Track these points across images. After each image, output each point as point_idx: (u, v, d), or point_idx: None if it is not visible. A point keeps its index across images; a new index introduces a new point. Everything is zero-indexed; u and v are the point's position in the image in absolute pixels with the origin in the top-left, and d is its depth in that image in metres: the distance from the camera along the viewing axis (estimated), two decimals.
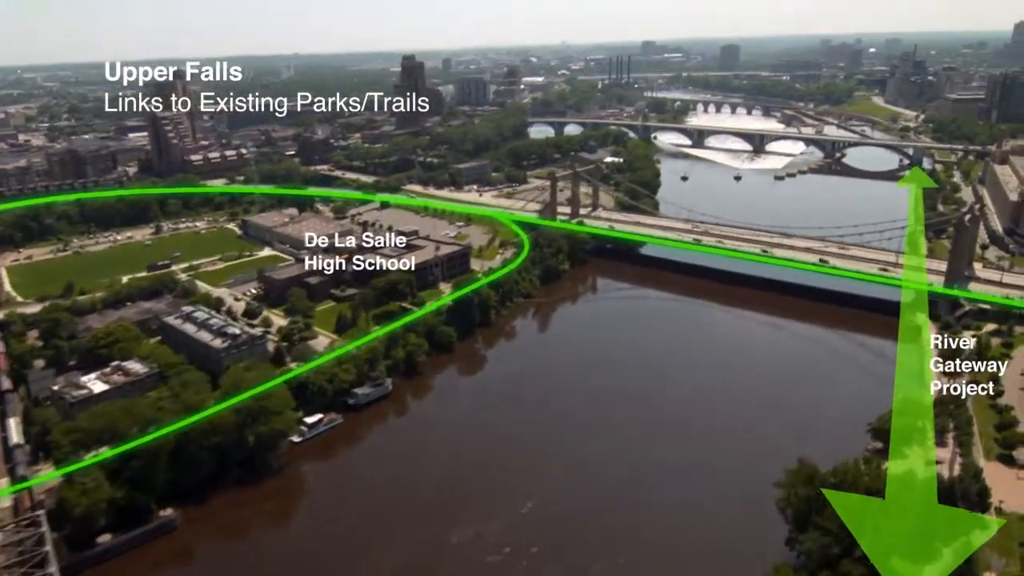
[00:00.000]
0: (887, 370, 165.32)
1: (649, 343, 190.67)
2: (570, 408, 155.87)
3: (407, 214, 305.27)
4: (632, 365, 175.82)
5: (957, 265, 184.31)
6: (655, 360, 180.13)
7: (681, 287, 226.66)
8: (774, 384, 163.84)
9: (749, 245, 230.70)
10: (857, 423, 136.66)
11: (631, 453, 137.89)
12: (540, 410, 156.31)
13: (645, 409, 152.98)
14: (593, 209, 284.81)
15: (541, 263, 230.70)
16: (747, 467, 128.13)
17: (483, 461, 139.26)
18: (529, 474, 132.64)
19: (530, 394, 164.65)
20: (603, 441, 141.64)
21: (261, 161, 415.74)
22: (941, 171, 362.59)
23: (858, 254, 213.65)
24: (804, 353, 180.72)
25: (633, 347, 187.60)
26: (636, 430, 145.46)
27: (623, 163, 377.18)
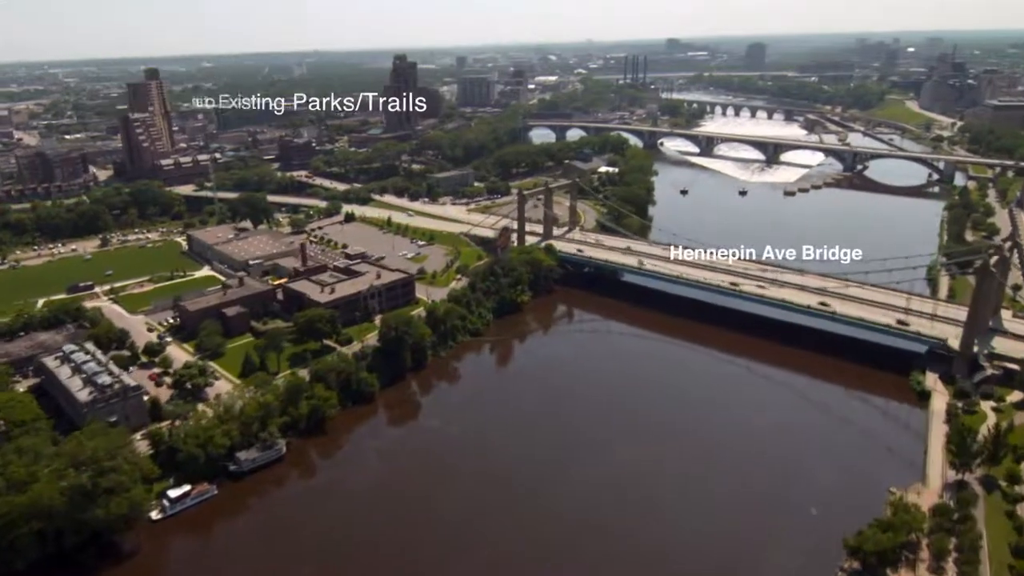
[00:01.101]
0: (883, 446, 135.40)
1: (606, 397, 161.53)
2: (497, 480, 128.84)
3: (370, 230, 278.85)
4: (579, 428, 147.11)
5: (979, 315, 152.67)
6: (609, 420, 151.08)
7: (657, 324, 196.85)
8: (744, 463, 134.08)
9: (741, 281, 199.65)
10: (833, 526, 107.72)
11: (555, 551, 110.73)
12: (458, 482, 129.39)
13: (582, 497, 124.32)
14: (570, 229, 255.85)
15: (496, 294, 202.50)
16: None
17: (377, 543, 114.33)
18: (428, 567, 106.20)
19: (451, 459, 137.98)
20: (523, 532, 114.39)
21: (235, 166, 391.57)
22: (974, 189, 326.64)
23: (865, 295, 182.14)
24: (787, 417, 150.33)
25: (585, 401, 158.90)
26: (566, 527, 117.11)
27: (616, 175, 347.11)
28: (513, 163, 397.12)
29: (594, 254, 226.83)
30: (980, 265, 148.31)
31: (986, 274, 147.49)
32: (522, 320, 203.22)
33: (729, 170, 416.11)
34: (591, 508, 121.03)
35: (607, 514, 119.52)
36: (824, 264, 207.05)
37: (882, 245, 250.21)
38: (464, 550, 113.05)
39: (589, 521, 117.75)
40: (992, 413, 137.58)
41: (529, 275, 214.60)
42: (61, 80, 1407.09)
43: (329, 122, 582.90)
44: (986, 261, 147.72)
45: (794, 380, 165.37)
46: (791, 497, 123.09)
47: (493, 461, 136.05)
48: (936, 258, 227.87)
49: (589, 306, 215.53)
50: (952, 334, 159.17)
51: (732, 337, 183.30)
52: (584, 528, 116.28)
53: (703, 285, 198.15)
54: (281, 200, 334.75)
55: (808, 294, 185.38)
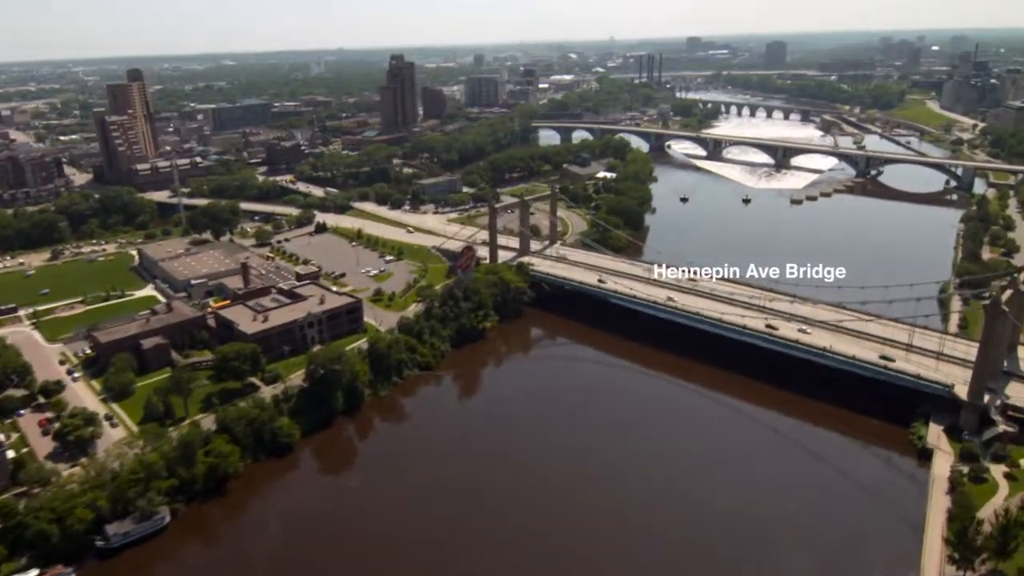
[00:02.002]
0: (872, 526, 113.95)
1: (564, 443, 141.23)
2: (415, 559, 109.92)
3: (339, 243, 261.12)
4: (528, 487, 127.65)
5: (990, 359, 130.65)
6: (564, 472, 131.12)
7: (634, 353, 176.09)
8: (703, 537, 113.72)
9: (724, 308, 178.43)
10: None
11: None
12: (370, 559, 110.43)
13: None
14: (550, 243, 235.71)
15: (455, 320, 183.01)
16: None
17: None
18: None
19: (368, 530, 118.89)
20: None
21: (216, 171, 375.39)
22: (993, 198, 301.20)
23: (864, 327, 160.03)
24: (765, 477, 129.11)
25: (539, 450, 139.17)
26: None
27: (612, 181, 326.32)
28: (507, 168, 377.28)
29: (568, 274, 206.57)
30: (991, 302, 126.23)
31: (997, 312, 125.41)
32: (483, 350, 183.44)
33: (735, 175, 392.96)
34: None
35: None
36: (806, 285, 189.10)
37: (889, 263, 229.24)
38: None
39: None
40: (1004, 481, 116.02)
41: (495, 298, 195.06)
42: (81, 78, 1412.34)
43: (328, 123, 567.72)
44: (997, 298, 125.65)
45: (781, 423, 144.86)
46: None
47: (418, 532, 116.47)
48: (949, 280, 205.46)
49: (562, 332, 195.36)
50: (960, 378, 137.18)
51: (715, 373, 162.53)
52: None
53: (683, 313, 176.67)
54: (255, 208, 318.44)
55: (797, 324, 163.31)
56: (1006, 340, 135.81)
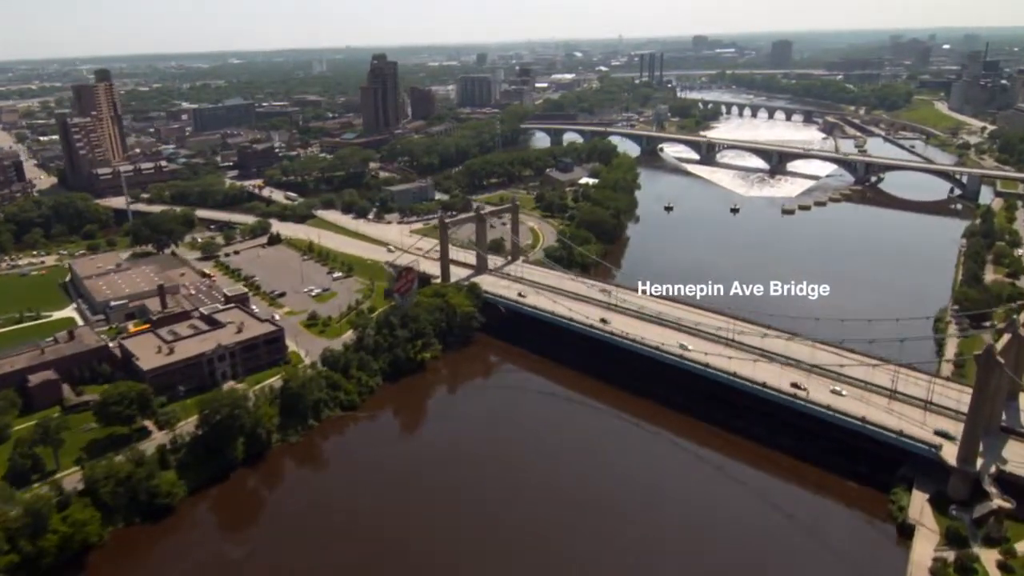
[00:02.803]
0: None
1: (494, 505, 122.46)
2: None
3: (290, 256, 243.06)
4: (444, 558, 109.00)
5: (983, 418, 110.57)
6: (494, 545, 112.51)
7: (588, 389, 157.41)
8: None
9: (690, 340, 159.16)
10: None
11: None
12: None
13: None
14: (511, 260, 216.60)
15: (391, 351, 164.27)
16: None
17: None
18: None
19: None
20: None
21: (182, 175, 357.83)
22: (1000, 210, 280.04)
23: (845, 366, 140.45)
24: (710, 557, 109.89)
25: (468, 513, 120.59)
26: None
27: (592, 189, 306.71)
28: (484, 174, 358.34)
29: (522, 297, 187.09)
30: (983, 352, 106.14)
31: (991, 365, 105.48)
32: (421, 384, 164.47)
33: (726, 181, 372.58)
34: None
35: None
36: (789, 305, 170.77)
37: (881, 285, 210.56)
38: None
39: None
40: (997, 573, 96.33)
41: (440, 324, 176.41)
42: (85, 77, 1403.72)
43: (312, 124, 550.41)
44: (990, 347, 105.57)
45: (745, 476, 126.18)
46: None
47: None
48: (946, 308, 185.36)
49: (513, 362, 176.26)
50: (951, 433, 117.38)
51: (673, 415, 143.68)
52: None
53: (640, 346, 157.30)
54: (212, 216, 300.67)
55: (774, 367, 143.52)
56: (1003, 392, 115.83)
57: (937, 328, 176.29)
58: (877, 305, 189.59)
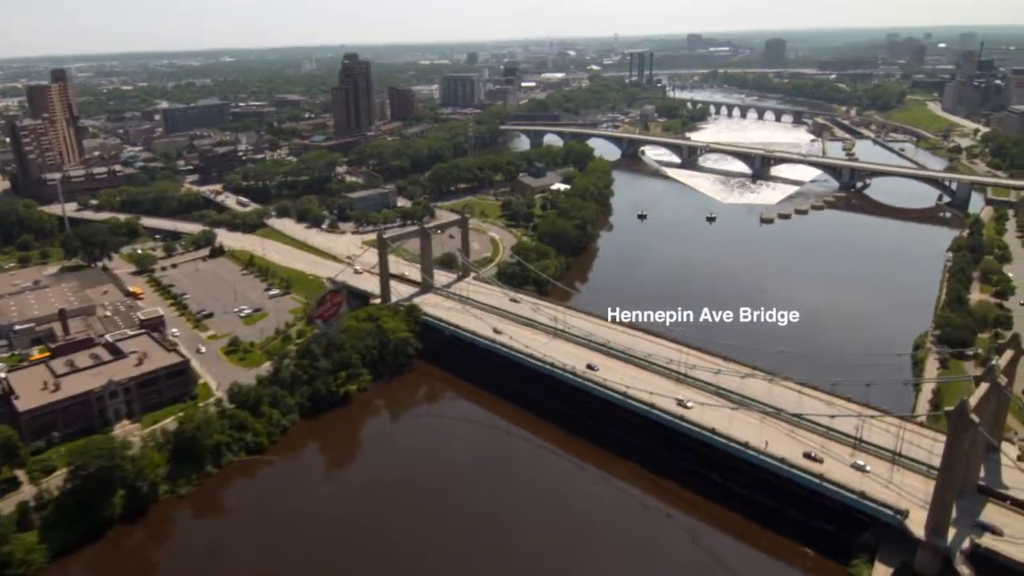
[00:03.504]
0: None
1: (416, 561, 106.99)
2: None
3: (230, 270, 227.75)
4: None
5: (955, 483, 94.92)
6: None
7: (528, 424, 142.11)
8: None
9: (641, 376, 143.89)
10: None
11: None
12: None
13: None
14: (461, 277, 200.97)
15: (310, 384, 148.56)
16: None
17: None
18: None
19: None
20: None
21: (136, 180, 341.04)
22: (990, 220, 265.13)
23: (807, 405, 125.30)
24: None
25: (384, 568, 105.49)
26: None
27: (560, 196, 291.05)
28: (452, 178, 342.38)
29: (463, 320, 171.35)
30: (955, 409, 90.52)
31: (964, 424, 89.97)
32: (343, 420, 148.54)
33: (706, 187, 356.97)
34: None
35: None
36: (758, 331, 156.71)
37: (856, 309, 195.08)
38: None
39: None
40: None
41: (372, 351, 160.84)
42: (74, 75, 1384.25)
43: (286, 125, 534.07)
44: (963, 404, 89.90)
45: (686, 537, 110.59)
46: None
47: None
48: (926, 333, 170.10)
49: (451, 394, 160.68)
50: (919, 497, 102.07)
51: (620, 462, 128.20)
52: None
53: (582, 381, 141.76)
54: (159, 225, 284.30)
55: (722, 408, 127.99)
56: (980, 448, 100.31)
57: (916, 357, 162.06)
58: (850, 332, 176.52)
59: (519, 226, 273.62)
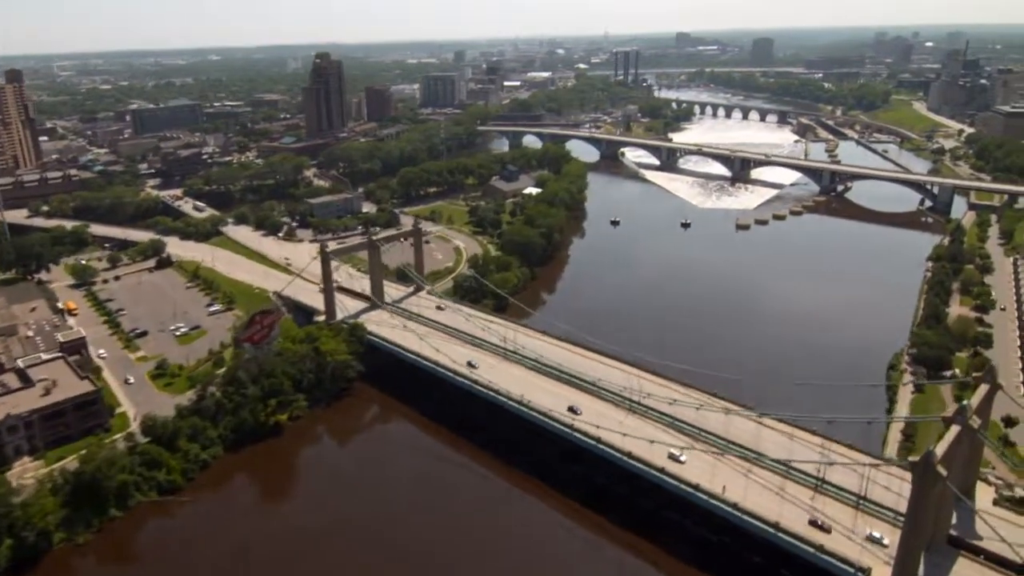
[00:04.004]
0: None
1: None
2: None
3: (176, 284, 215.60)
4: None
5: (920, 536, 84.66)
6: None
7: (478, 458, 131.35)
8: None
9: (582, 400, 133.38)
10: None
11: None
12: None
13: None
14: (415, 291, 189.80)
15: (235, 413, 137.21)
16: None
17: None
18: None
19: None
20: None
21: (93, 185, 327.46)
22: (972, 226, 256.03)
23: (766, 438, 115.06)
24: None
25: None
26: None
27: (530, 201, 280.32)
28: (421, 183, 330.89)
29: (407, 340, 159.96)
30: (920, 462, 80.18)
31: (930, 478, 79.58)
32: (271, 453, 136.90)
33: (684, 190, 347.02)
34: None
35: None
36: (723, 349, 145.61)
37: (829, 325, 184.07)
38: None
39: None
40: None
41: (309, 375, 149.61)
42: (56, 73, 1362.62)
43: (259, 126, 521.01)
44: (928, 455, 79.42)
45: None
46: None
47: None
48: (901, 351, 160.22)
49: (393, 421, 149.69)
50: (885, 552, 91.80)
51: (565, 501, 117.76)
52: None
53: (528, 412, 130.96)
54: (110, 233, 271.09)
55: (670, 435, 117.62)
56: (951, 497, 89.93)
57: (890, 378, 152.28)
58: (820, 352, 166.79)
59: (486, 233, 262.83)
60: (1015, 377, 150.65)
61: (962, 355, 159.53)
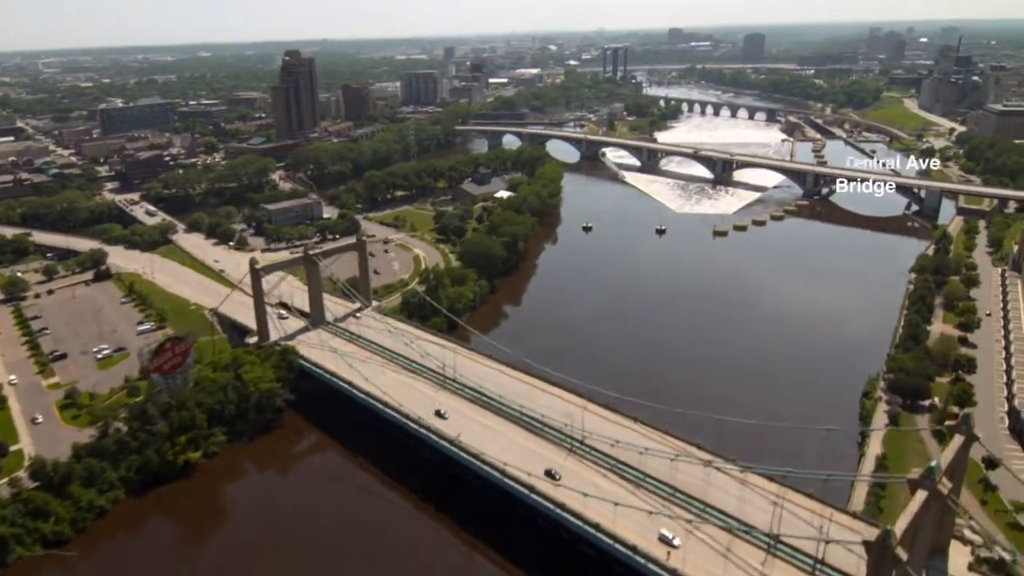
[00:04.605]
0: None
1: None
2: None
3: (112, 299, 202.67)
4: None
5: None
6: None
7: (400, 490, 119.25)
8: None
9: (533, 445, 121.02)
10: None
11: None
12: None
13: None
14: (362, 307, 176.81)
15: (139, 454, 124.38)
16: None
17: None
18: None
19: None
20: None
21: (47, 189, 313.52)
22: (959, 233, 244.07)
23: (719, 486, 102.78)
24: None
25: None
26: None
27: (498, 208, 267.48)
28: (388, 186, 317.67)
29: (336, 366, 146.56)
30: (877, 542, 67.78)
31: (887, 560, 67.12)
32: (179, 496, 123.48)
33: (663, 193, 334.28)
34: None
35: None
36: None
37: (801, 344, 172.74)
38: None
39: None
40: None
41: (229, 406, 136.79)
42: (40, 71, 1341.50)
43: (232, 125, 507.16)
44: (885, 537, 66.95)
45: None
46: None
47: None
48: (877, 376, 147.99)
49: (321, 455, 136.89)
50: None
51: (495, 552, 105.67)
52: None
53: (455, 451, 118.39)
54: (53, 242, 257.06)
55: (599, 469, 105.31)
56: (922, 556, 77.53)
57: (864, 407, 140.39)
58: (786, 382, 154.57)
59: (449, 241, 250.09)
60: (1000, 406, 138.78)
61: (943, 380, 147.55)
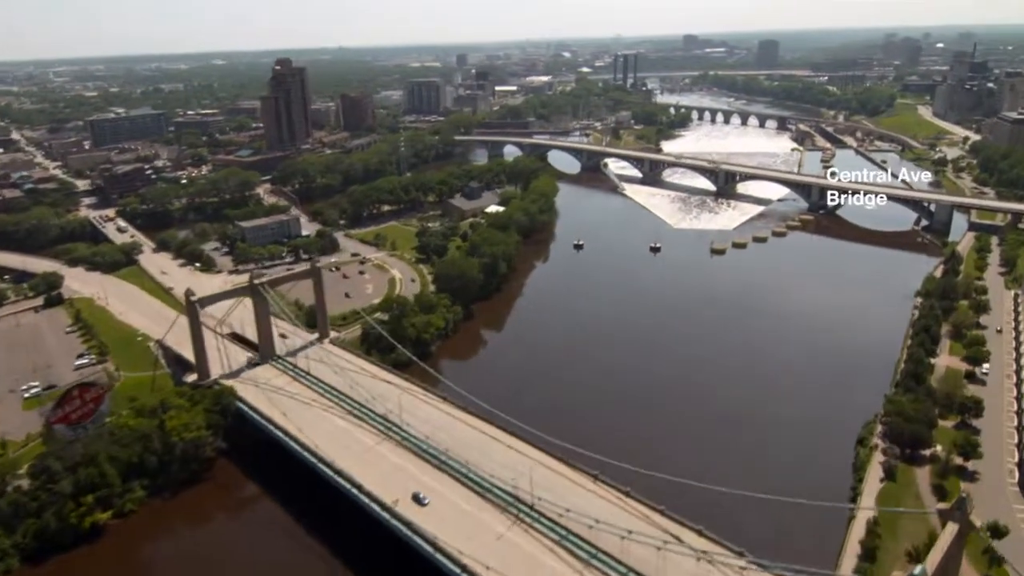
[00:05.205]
0: None
1: None
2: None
3: (58, 327, 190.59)
4: None
5: None
6: None
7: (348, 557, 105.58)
8: None
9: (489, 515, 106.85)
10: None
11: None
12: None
13: None
14: (320, 338, 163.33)
15: (37, 517, 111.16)
16: None
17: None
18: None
19: None
20: None
21: (16, 205, 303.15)
22: (970, 252, 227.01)
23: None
24: None
25: None
26: None
27: (482, 225, 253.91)
28: (373, 201, 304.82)
29: (271, 409, 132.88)
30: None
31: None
32: (83, 563, 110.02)
33: (662, 207, 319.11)
34: None
35: None
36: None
37: (795, 382, 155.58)
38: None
39: None
40: None
41: (150, 457, 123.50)
42: (51, 79, 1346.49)
43: (226, 136, 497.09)
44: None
45: None
46: None
47: None
48: (874, 420, 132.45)
49: (250, 513, 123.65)
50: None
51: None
52: None
53: (391, 520, 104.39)
54: (8, 263, 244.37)
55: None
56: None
57: (859, 455, 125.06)
58: (772, 428, 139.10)
59: (430, 261, 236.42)
60: (1009, 456, 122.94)
61: (947, 423, 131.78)
